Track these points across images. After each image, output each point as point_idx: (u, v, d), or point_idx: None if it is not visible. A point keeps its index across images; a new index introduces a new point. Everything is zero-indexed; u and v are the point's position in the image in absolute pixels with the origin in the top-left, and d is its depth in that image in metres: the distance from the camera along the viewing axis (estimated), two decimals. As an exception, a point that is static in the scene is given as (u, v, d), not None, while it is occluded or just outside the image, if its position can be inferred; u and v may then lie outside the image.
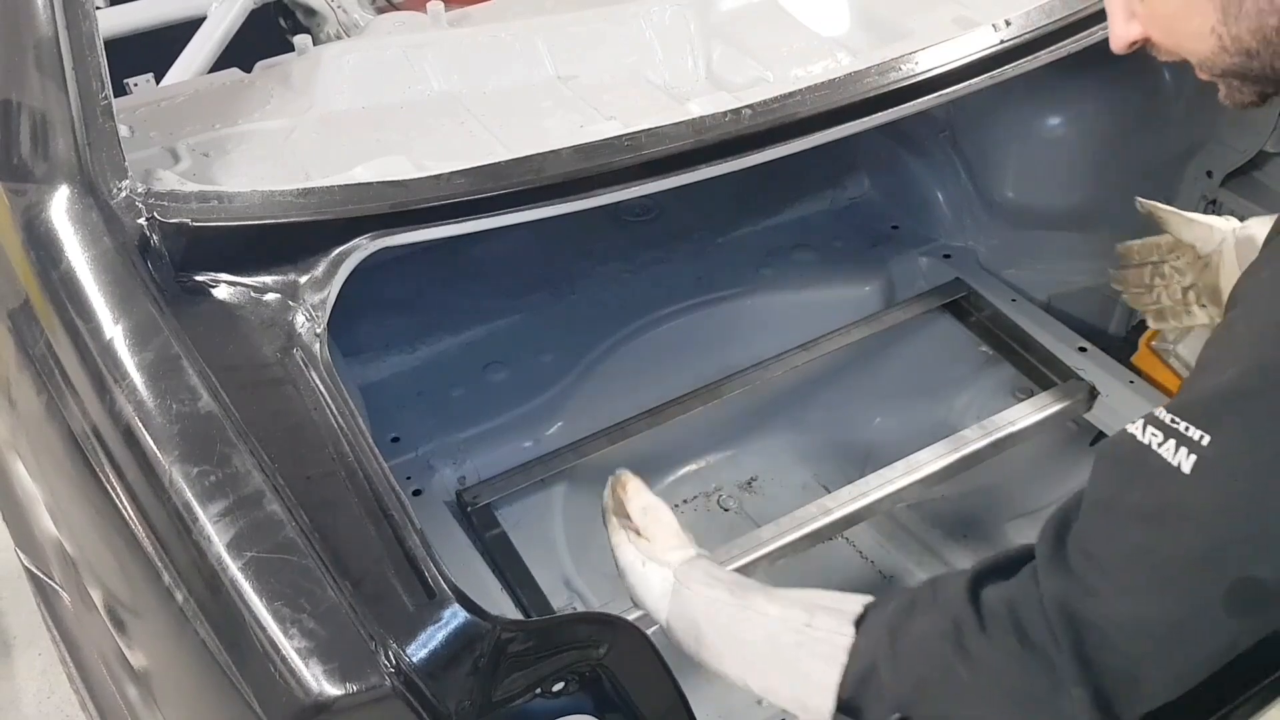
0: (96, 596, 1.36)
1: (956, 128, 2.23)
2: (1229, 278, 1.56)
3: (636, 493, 1.41)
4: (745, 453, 2.20)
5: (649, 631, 1.19)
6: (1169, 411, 0.96)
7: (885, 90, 1.57)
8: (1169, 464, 0.94)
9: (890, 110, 1.58)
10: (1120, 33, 1.13)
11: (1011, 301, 2.14)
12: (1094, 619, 0.98)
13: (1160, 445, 0.95)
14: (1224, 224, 1.60)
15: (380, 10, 2.51)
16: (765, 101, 1.53)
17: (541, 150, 1.45)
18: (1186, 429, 0.94)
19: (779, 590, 1.24)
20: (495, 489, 1.88)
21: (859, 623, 1.14)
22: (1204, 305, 1.67)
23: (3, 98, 1.45)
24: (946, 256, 2.27)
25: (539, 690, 1.08)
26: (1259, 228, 1.53)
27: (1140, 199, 1.68)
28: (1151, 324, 1.77)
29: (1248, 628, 0.97)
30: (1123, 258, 1.78)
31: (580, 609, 1.84)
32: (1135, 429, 0.98)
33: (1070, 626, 0.98)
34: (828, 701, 1.12)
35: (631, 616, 1.52)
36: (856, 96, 1.55)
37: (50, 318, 1.31)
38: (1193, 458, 0.93)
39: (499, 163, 1.43)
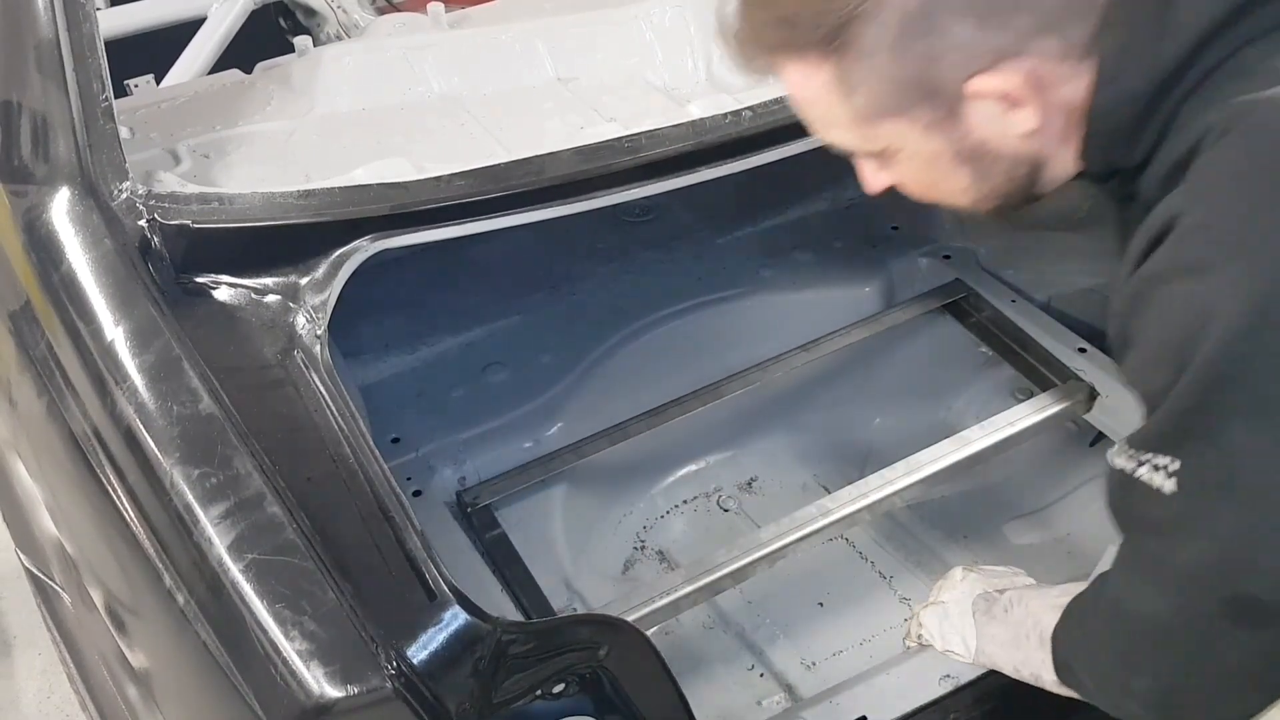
0: (97, 597, 1.36)
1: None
2: None
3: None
4: (745, 453, 2.19)
5: (649, 632, 1.19)
6: (1130, 446, 0.97)
7: (885, 92, 1.57)
8: (1152, 487, 0.95)
9: (890, 112, 1.58)
10: (871, 182, 1.17)
11: (1011, 302, 2.14)
12: (1123, 615, 1.04)
13: (1138, 470, 0.96)
14: None
15: (381, 11, 2.51)
16: (765, 103, 1.53)
17: (542, 152, 1.45)
18: (1153, 457, 0.95)
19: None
20: (495, 490, 1.87)
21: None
22: None
23: (3, 99, 1.45)
24: (946, 257, 2.27)
25: (539, 691, 1.08)
26: None
27: None
28: None
29: (1269, 645, 0.96)
30: None
31: (580, 610, 1.84)
32: (1118, 456, 0.99)
33: (1116, 619, 1.07)
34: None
35: (631, 618, 1.53)
36: (856, 98, 1.55)
37: (51, 319, 1.31)
38: (1171, 480, 0.94)
39: (499, 164, 1.44)
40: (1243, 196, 0.90)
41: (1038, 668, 1.26)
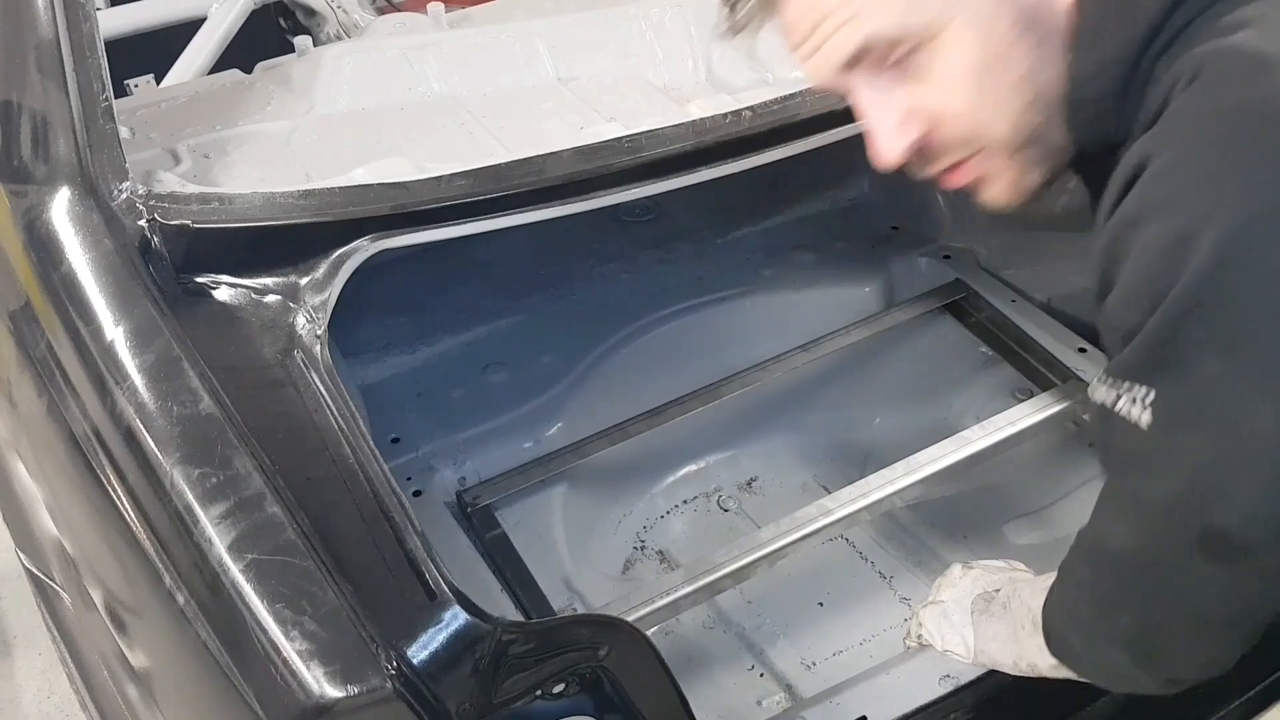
0: (97, 597, 1.36)
1: (956, 128, 2.22)
2: None
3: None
4: (745, 453, 2.19)
5: (649, 632, 1.19)
6: (1109, 375, 0.98)
7: (885, 92, 1.57)
8: (1129, 420, 0.96)
9: (890, 112, 1.58)
10: (893, 142, 1.06)
11: (1011, 302, 2.14)
12: (1106, 550, 1.06)
13: (1117, 404, 0.97)
14: None
15: (381, 11, 2.51)
16: (766, 103, 1.53)
17: (542, 152, 1.45)
18: (1130, 387, 0.96)
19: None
20: (495, 490, 1.87)
21: None
22: None
23: (4, 99, 1.45)
24: (946, 257, 2.27)
25: (539, 692, 1.08)
26: None
27: None
28: None
29: (1239, 582, 0.97)
30: None
31: (580, 610, 1.84)
32: (1099, 389, 1.00)
33: (1098, 555, 1.08)
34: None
35: (631, 618, 1.53)
36: (856, 98, 1.55)
37: (51, 319, 1.31)
38: (1146, 412, 0.94)
39: (499, 164, 1.44)
40: (1209, 136, 0.91)
41: (1034, 655, 1.27)
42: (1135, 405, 0.95)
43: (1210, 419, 0.92)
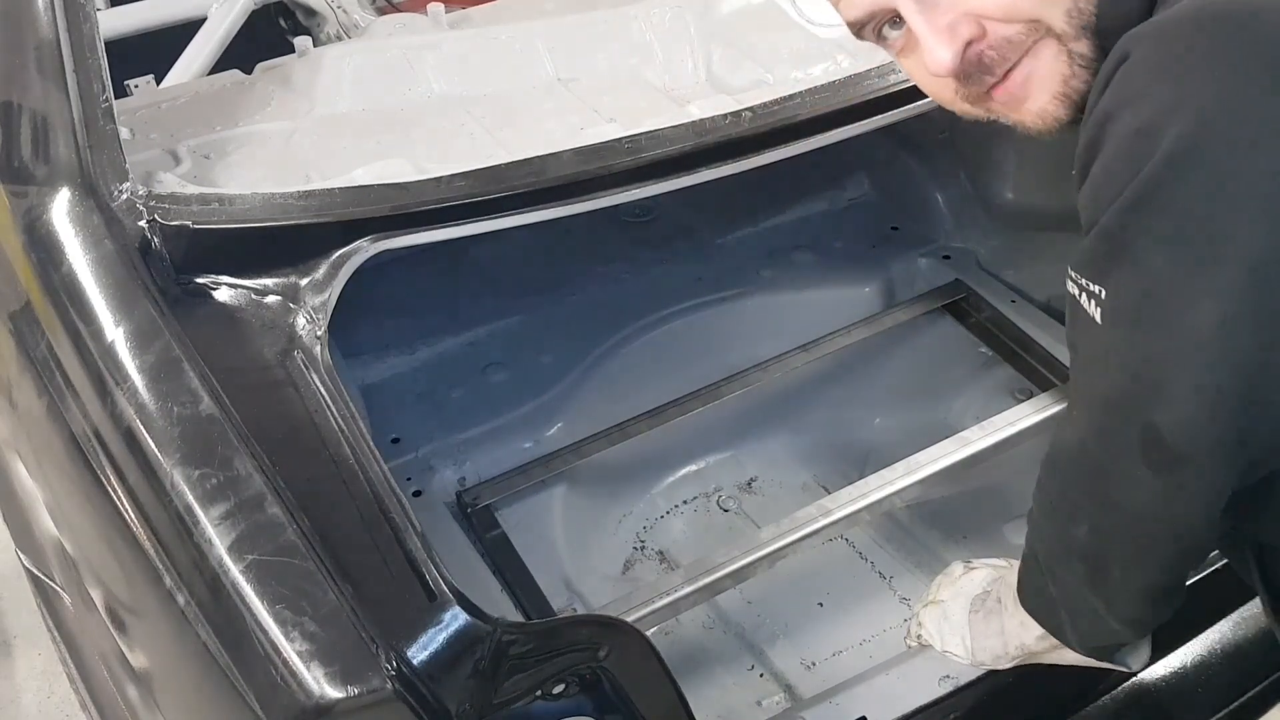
0: (97, 597, 1.36)
1: (956, 129, 2.23)
2: None
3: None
4: (745, 453, 2.20)
5: (649, 632, 1.19)
6: (1072, 269, 1.00)
7: (885, 93, 1.57)
8: (1089, 315, 0.97)
9: (890, 113, 1.58)
10: (946, 47, 1.03)
11: (1011, 303, 2.14)
12: (1062, 451, 1.09)
13: (1079, 297, 0.98)
14: None
15: (381, 11, 2.51)
16: (765, 104, 1.53)
17: (542, 153, 1.45)
18: (1088, 284, 0.97)
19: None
20: (495, 490, 1.88)
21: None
22: None
23: (4, 100, 1.45)
24: (946, 257, 2.27)
25: (539, 692, 1.08)
26: None
27: None
28: None
29: (1172, 493, 0.98)
30: None
31: (580, 610, 1.84)
32: (1068, 281, 1.01)
33: (1057, 455, 1.11)
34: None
35: (631, 618, 1.53)
36: (856, 99, 1.56)
37: (51, 320, 1.31)
38: (1099, 309, 0.96)
39: (499, 165, 1.44)
40: (1183, 33, 0.91)
41: (1019, 633, 1.28)
42: (1091, 302, 0.96)
43: (1153, 314, 0.92)
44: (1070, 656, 1.25)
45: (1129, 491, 1.01)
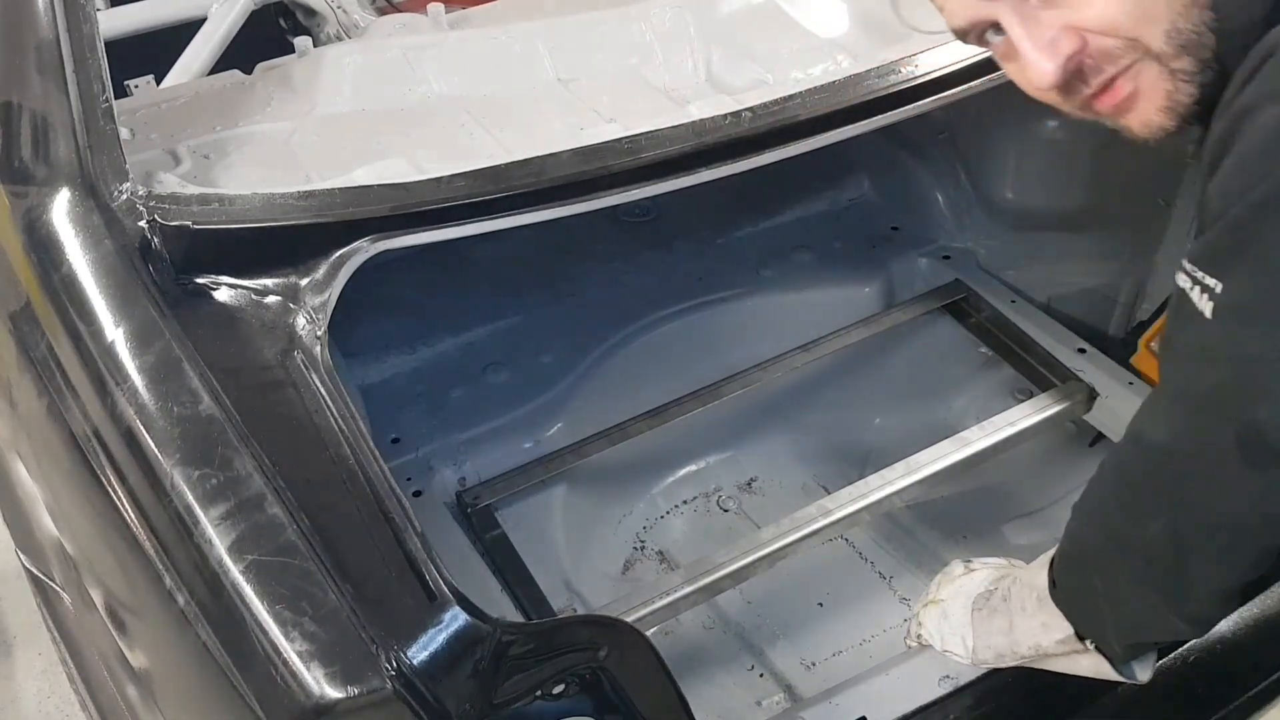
0: (97, 598, 1.36)
1: (956, 129, 2.23)
2: None
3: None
4: (745, 454, 2.20)
5: (649, 632, 1.19)
6: (1188, 261, 0.99)
7: (885, 93, 1.57)
8: (1198, 309, 0.96)
9: (890, 113, 1.58)
10: (1048, 61, 1.04)
11: (1011, 303, 2.14)
12: (1139, 446, 1.07)
13: (1191, 290, 0.98)
14: None
15: (381, 11, 2.51)
16: (765, 104, 1.53)
17: (542, 153, 1.45)
18: (1203, 277, 0.96)
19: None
20: (495, 490, 1.88)
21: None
22: None
23: (4, 100, 1.45)
24: (946, 258, 2.27)
25: (539, 692, 1.08)
26: None
27: None
28: None
29: (1269, 491, 0.97)
30: None
31: (580, 611, 1.84)
32: (1180, 274, 1.00)
33: (1136, 451, 1.08)
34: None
35: (631, 618, 1.53)
36: (856, 99, 1.56)
37: (51, 320, 1.31)
38: (1211, 304, 0.95)
39: (499, 165, 1.44)
40: None
41: (1037, 634, 1.27)
42: (1204, 296, 0.96)
43: (1270, 312, 0.92)
44: (1084, 665, 1.25)
45: (1221, 489, 1.00)
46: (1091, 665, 1.24)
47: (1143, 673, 1.25)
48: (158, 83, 2.34)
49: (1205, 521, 1.03)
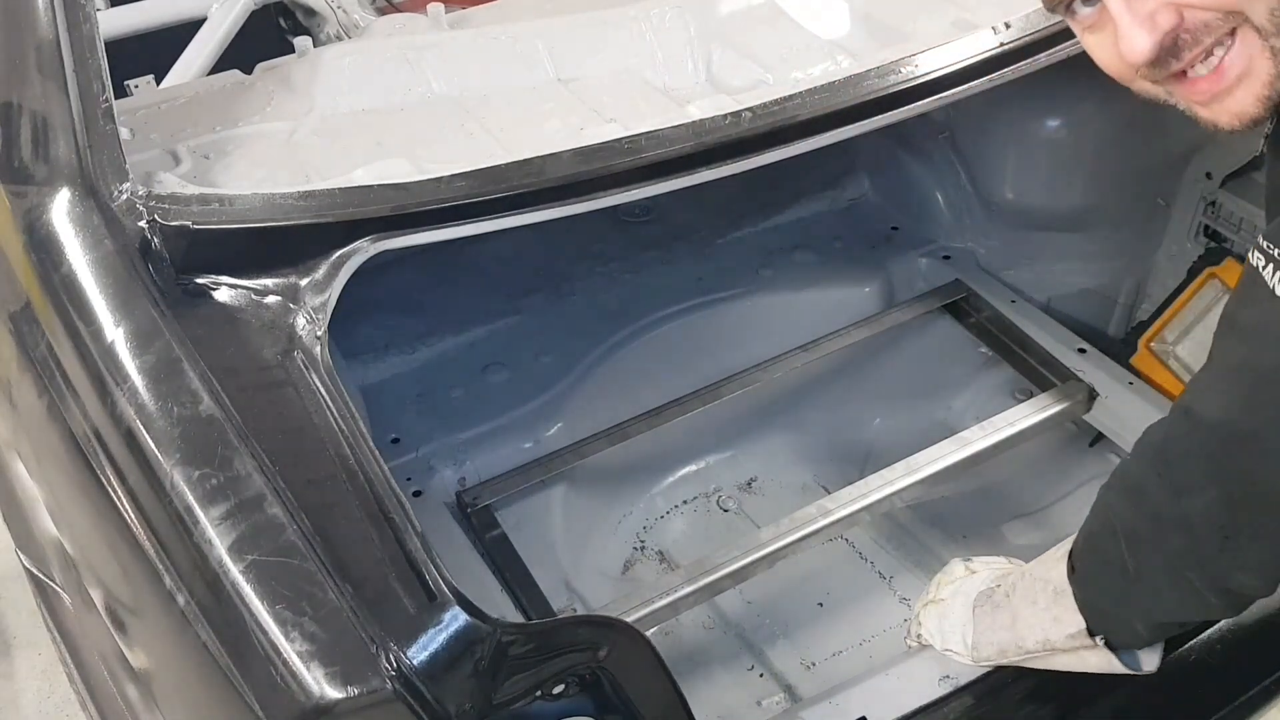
0: (97, 598, 1.36)
1: (956, 129, 2.23)
2: None
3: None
4: (745, 453, 2.20)
5: (649, 632, 1.19)
6: (1264, 238, 0.99)
7: (885, 93, 1.57)
8: (1269, 287, 0.97)
9: (890, 113, 1.58)
10: (1145, 35, 1.03)
11: (1011, 303, 2.14)
12: (1188, 422, 1.08)
13: (1264, 268, 0.98)
14: None
15: (381, 11, 2.51)
16: (765, 104, 1.53)
17: (542, 153, 1.45)
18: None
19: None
20: (495, 490, 1.88)
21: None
22: None
23: (4, 100, 1.45)
24: (946, 258, 2.27)
25: (539, 693, 1.08)
26: None
27: None
28: None
29: None
30: None
31: (580, 611, 1.84)
32: (1253, 251, 1.01)
33: (1187, 425, 1.08)
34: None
35: (631, 618, 1.53)
36: (856, 99, 1.56)
37: (51, 320, 1.31)
38: None
39: (499, 165, 1.44)
40: None
41: (1048, 628, 1.27)
42: (1276, 272, 0.97)
43: None
44: (1092, 661, 1.25)
45: (1277, 463, 1.01)
46: (1099, 662, 1.24)
47: (1149, 664, 1.25)
48: (158, 83, 2.34)
49: (1261, 494, 1.04)
